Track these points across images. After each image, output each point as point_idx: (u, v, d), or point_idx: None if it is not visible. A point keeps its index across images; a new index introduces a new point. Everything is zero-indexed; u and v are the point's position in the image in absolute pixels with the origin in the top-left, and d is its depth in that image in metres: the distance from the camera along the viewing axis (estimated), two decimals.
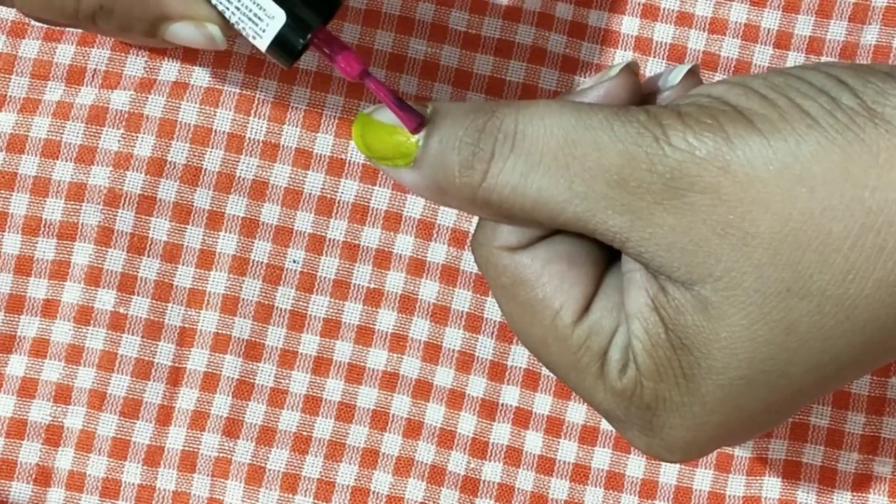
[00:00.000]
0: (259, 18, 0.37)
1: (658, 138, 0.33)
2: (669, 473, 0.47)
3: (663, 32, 0.47)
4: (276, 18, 0.37)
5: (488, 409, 0.47)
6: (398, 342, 0.47)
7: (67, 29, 0.47)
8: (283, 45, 0.38)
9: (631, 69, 0.36)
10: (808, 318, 0.33)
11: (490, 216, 0.36)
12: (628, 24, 0.47)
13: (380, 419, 0.47)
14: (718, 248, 0.33)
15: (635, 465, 0.47)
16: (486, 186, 0.35)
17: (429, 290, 0.47)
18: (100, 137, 0.47)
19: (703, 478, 0.47)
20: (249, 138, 0.47)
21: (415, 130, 0.35)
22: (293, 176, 0.47)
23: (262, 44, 0.38)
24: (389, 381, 0.47)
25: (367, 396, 0.47)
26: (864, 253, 0.32)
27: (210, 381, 0.47)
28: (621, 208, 0.34)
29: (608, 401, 0.36)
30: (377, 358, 0.47)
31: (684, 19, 0.47)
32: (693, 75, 0.37)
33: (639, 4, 0.47)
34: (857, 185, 0.32)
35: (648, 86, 0.37)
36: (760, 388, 0.34)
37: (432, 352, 0.47)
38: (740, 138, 0.33)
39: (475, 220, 0.41)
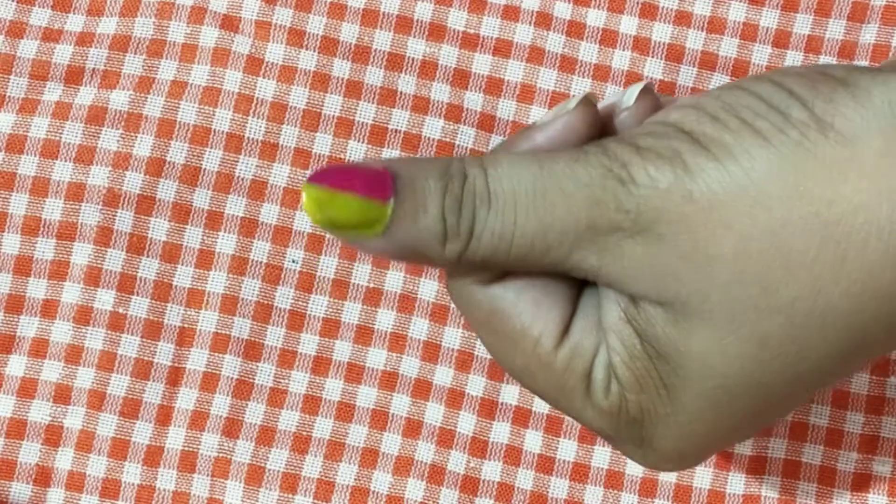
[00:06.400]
0: None
1: (622, 179, 0.33)
2: None
3: (662, 32, 0.47)
4: None
5: (488, 407, 0.47)
6: (397, 341, 0.47)
7: (66, 28, 0.47)
8: None
9: (589, 101, 0.36)
10: (780, 331, 0.33)
11: (465, 271, 0.36)
12: (627, 24, 0.47)
13: (379, 419, 0.47)
14: (684, 272, 0.33)
15: (635, 464, 0.47)
16: (469, 252, 0.35)
17: (428, 289, 0.47)
18: (99, 137, 0.47)
19: (703, 476, 0.47)
20: (248, 138, 0.47)
21: (385, 197, 0.34)
22: (292, 175, 0.47)
23: None
24: (389, 380, 0.47)
25: (367, 396, 0.47)
26: (828, 265, 0.32)
27: (209, 381, 0.47)
28: (593, 247, 0.34)
29: (598, 420, 0.36)
30: (376, 357, 0.47)
31: (683, 18, 0.47)
32: (647, 93, 0.37)
33: (637, 3, 0.47)
34: (813, 200, 0.32)
35: (605, 110, 0.37)
36: (740, 398, 0.34)
37: (431, 351, 0.47)
38: (698, 166, 0.33)
39: None
